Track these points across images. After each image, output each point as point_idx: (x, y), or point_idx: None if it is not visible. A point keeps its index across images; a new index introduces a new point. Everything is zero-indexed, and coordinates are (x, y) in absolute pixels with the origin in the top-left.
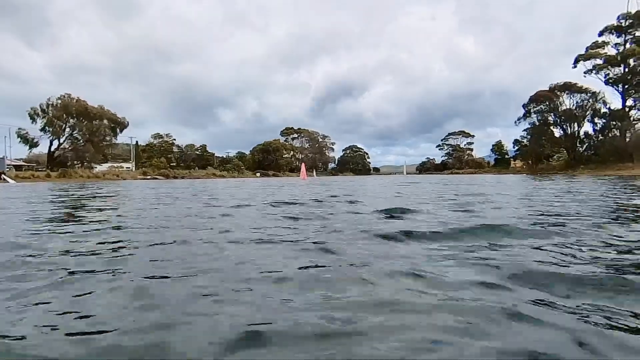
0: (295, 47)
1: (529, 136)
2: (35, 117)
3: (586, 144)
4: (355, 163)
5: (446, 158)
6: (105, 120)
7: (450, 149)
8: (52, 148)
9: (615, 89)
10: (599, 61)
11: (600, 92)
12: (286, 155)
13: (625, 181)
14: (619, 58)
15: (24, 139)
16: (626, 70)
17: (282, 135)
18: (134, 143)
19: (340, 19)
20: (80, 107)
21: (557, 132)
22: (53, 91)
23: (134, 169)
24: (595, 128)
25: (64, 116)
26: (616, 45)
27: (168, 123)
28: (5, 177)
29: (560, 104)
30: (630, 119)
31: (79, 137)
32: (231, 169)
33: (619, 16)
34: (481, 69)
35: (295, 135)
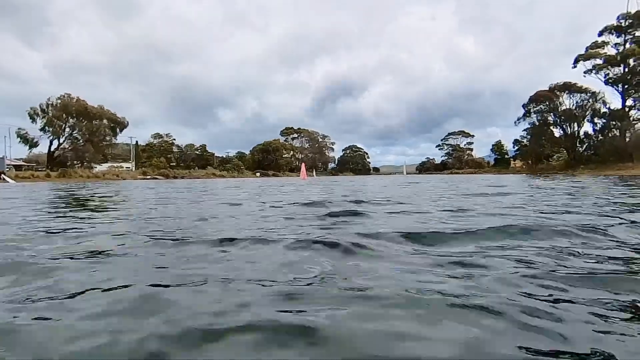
0: (295, 47)
1: (529, 136)
2: (35, 117)
3: (586, 144)
4: (355, 163)
5: (446, 158)
6: (105, 120)
7: (450, 148)
8: (52, 148)
9: (615, 89)
10: (599, 61)
11: (600, 92)
12: (286, 155)
13: (625, 181)
14: (619, 58)
15: (24, 139)
16: (626, 70)
17: (282, 135)
18: (134, 143)
19: (340, 19)
20: (80, 107)
21: (557, 132)
22: (53, 91)
23: (133, 169)
24: (595, 128)
25: (64, 116)
26: (616, 45)
27: (168, 123)
28: (5, 177)
29: (560, 104)
30: (630, 118)
31: (78, 137)
32: (231, 169)
33: (618, 16)
34: (481, 69)
35: (295, 135)
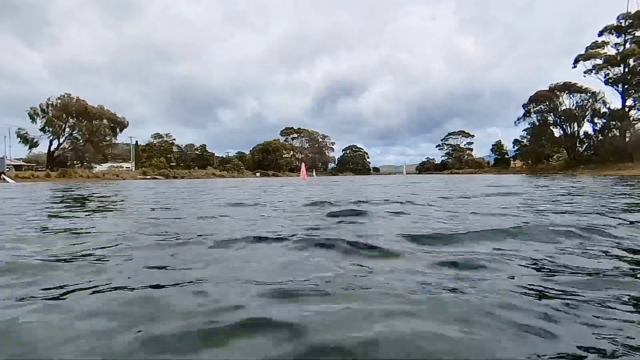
0: (295, 47)
1: (529, 136)
2: (35, 117)
3: (586, 144)
4: (355, 163)
5: (446, 158)
6: (105, 120)
7: (450, 148)
8: (52, 148)
9: (615, 89)
10: (599, 61)
11: (600, 92)
12: (286, 155)
13: (626, 181)
14: (619, 58)
15: (24, 138)
16: (626, 70)
17: (282, 135)
18: (134, 143)
19: (340, 19)
20: (80, 107)
21: (557, 132)
22: (53, 91)
23: (133, 169)
24: (595, 128)
25: (64, 116)
26: (616, 45)
27: (168, 123)
28: (5, 177)
29: (560, 104)
30: (630, 118)
31: (78, 137)
32: (231, 169)
33: (618, 16)
34: (481, 69)
35: (295, 135)
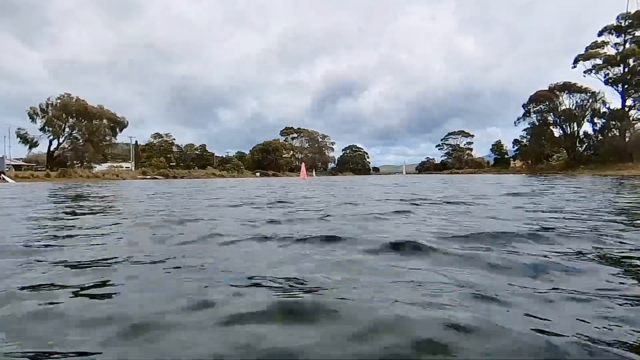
0: (295, 47)
1: (529, 136)
2: (35, 117)
3: (586, 144)
4: (355, 163)
5: (446, 158)
6: (104, 120)
7: (450, 148)
8: (52, 148)
9: (614, 88)
10: (599, 61)
11: (599, 92)
12: (286, 155)
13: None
14: (619, 58)
15: (24, 138)
16: (626, 70)
17: (282, 135)
18: (134, 143)
19: (340, 19)
20: (80, 107)
21: (557, 132)
22: (53, 91)
23: (133, 169)
24: (595, 128)
25: (64, 116)
26: (616, 45)
27: (168, 123)
28: (4, 177)
29: (560, 103)
30: (630, 118)
31: (78, 137)
32: (231, 169)
33: (618, 16)
34: (481, 69)
35: (295, 135)
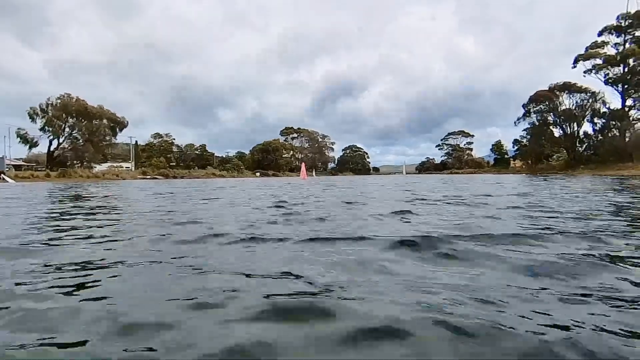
0: (295, 47)
1: (529, 136)
2: (35, 117)
3: (586, 144)
4: (354, 163)
5: (446, 158)
6: (104, 120)
7: (450, 148)
8: (52, 148)
9: (614, 88)
10: (599, 61)
11: (599, 92)
12: (286, 155)
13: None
14: (619, 58)
15: (24, 138)
16: (626, 70)
17: (282, 135)
18: (134, 143)
19: (340, 19)
20: (80, 107)
21: (557, 132)
22: (53, 91)
23: (133, 169)
24: (595, 128)
25: (64, 116)
26: (616, 45)
27: (167, 123)
28: (4, 177)
29: (560, 103)
30: (630, 118)
31: (78, 137)
32: (231, 169)
33: (618, 16)
34: (481, 69)
35: (295, 135)
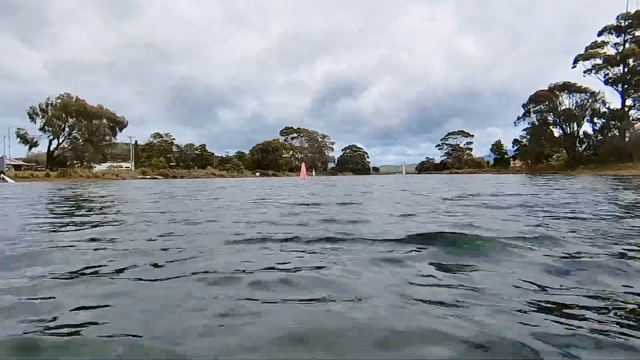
0: (295, 47)
1: (529, 136)
2: (35, 117)
3: (585, 144)
4: (354, 163)
5: (446, 158)
6: (104, 120)
7: (450, 148)
8: (52, 148)
9: (614, 88)
10: (599, 61)
11: (599, 92)
12: (285, 155)
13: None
14: (619, 58)
15: (23, 138)
16: (625, 70)
17: (282, 135)
18: (133, 143)
19: (340, 19)
20: (80, 107)
21: (557, 132)
22: (53, 91)
23: (133, 169)
24: (595, 128)
25: (63, 116)
26: (615, 45)
27: (167, 123)
28: (4, 177)
29: (560, 103)
30: (630, 118)
31: (78, 137)
32: (230, 169)
33: (618, 16)
34: (481, 69)
35: (295, 135)
